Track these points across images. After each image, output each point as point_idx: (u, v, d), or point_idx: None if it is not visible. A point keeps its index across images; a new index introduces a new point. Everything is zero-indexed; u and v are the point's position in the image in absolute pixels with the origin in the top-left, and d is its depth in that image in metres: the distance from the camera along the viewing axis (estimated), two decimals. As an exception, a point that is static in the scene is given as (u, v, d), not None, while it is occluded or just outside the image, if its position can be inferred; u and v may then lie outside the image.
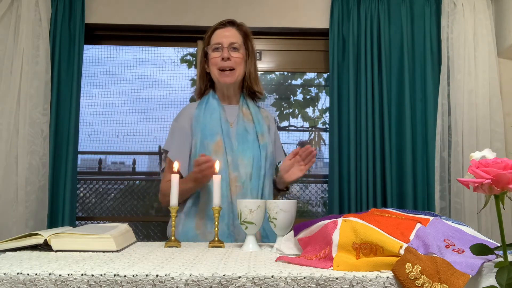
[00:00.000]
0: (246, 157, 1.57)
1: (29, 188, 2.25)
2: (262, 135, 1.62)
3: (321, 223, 1.00)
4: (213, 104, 1.63)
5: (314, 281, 0.80)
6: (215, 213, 1.23)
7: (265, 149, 1.60)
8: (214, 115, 1.60)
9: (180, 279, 0.80)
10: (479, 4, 2.39)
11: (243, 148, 1.58)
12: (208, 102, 1.64)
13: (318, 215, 3.02)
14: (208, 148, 1.55)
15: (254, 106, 1.69)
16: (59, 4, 2.43)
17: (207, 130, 1.58)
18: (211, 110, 1.62)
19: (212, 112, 1.61)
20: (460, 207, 2.26)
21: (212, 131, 1.57)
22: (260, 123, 1.64)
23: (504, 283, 0.71)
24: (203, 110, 1.62)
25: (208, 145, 1.55)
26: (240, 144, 1.58)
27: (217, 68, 1.61)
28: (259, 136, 1.61)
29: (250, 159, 1.56)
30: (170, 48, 2.91)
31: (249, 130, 1.62)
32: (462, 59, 2.35)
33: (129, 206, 3.07)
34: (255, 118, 1.65)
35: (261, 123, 1.64)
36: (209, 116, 1.60)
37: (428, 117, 2.39)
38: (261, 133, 1.62)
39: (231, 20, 1.68)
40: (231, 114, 1.64)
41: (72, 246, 1.07)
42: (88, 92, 2.88)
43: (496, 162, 0.74)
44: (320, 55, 2.65)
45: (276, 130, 1.75)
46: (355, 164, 2.37)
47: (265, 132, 1.63)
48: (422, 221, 0.93)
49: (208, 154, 1.52)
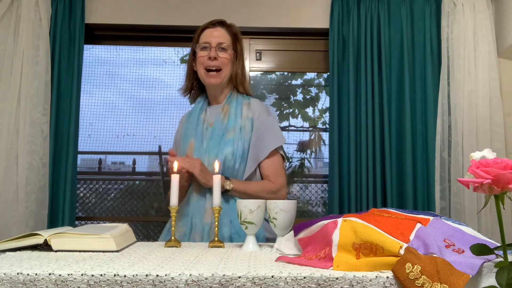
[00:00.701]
0: (212, 155, 1.55)
1: (29, 188, 2.25)
2: (233, 130, 1.57)
3: (321, 223, 1.00)
4: (195, 107, 1.69)
5: (314, 281, 0.80)
6: (215, 213, 1.23)
7: (231, 144, 1.55)
8: (191, 118, 1.67)
9: (180, 279, 0.80)
10: (479, 4, 2.39)
11: (209, 147, 1.57)
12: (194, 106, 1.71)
13: (318, 215, 3.02)
14: (184, 151, 1.61)
15: (237, 100, 1.64)
16: (59, 4, 2.43)
17: (186, 134, 1.65)
18: (192, 113, 1.68)
19: (192, 115, 1.68)
20: (460, 207, 2.26)
21: (188, 134, 1.64)
22: (235, 118, 1.60)
23: (504, 283, 0.71)
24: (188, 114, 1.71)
25: (185, 148, 1.62)
26: (208, 142, 1.59)
27: (204, 68, 1.61)
28: (227, 132, 1.57)
29: (214, 156, 1.54)
30: (170, 48, 2.91)
31: (221, 127, 1.60)
32: (462, 59, 2.35)
33: (129, 206, 3.07)
34: (232, 113, 1.61)
35: (236, 117, 1.60)
36: (189, 120, 1.67)
37: (428, 117, 2.39)
38: (232, 128, 1.57)
39: (221, 20, 1.68)
40: (213, 114, 1.65)
41: (72, 246, 1.07)
42: (88, 92, 2.88)
43: (496, 162, 0.74)
44: (320, 55, 2.65)
45: (265, 120, 1.61)
46: (355, 164, 2.37)
47: (236, 126, 1.58)
48: (422, 221, 0.93)
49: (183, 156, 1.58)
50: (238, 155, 1.55)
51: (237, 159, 1.54)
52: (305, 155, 3.04)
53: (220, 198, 1.24)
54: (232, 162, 1.54)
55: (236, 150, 1.55)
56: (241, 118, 1.60)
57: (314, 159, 3.06)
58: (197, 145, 1.59)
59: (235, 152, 1.54)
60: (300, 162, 3.03)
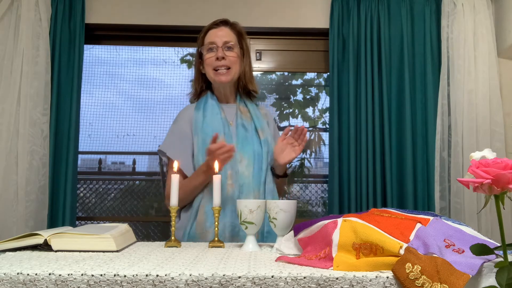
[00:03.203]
0: (246, 154, 1.56)
1: (29, 188, 2.25)
2: (262, 131, 1.61)
3: (321, 223, 1.00)
4: (212, 104, 1.63)
5: (314, 281, 0.80)
6: (215, 213, 1.23)
7: (266, 144, 1.59)
8: (215, 115, 1.61)
9: (180, 279, 0.80)
10: (479, 4, 2.39)
11: (243, 145, 1.57)
12: (207, 102, 1.64)
13: (318, 215, 3.02)
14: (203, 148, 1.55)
15: (251, 103, 1.69)
16: (59, 4, 2.43)
17: (209, 129, 1.57)
18: (211, 109, 1.62)
19: (212, 111, 1.61)
20: (460, 207, 2.26)
21: (214, 131, 1.56)
22: (259, 119, 1.64)
23: (504, 283, 0.71)
24: (202, 110, 1.62)
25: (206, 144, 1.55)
26: (240, 142, 1.58)
27: (213, 68, 1.60)
28: (259, 132, 1.61)
29: (251, 156, 1.56)
30: (170, 48, 2.91)
31: (248, 127, 1.62)
32: (462, 59, 2.35)
33: (129, 206, 3.07)
34: (253, 115, 1.65)
35: (260, 119, 1.64)
36: (209, 116, 1.60)
37: (428, 117, 2.39)
38: (261, 128, 1.62)
39: (224, 19, 1.67)
40: (230, 113, 1.65)
41: (72, 246, 1.07)
42: (88, 92, 2.88)
43: (496, 162, 0.74)
44: (320, 55, 2.65)
45: (275, 127, 1.75)
46: (355, 164, 2.37)
47: (265, 128, 1.63)
48: (422, 221, 0.93)
49: None
50: (270, 154, 1.59)
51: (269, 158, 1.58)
52: (305, 155, 3.04)
53: (220, 198, 1.24)
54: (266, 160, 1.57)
55: (270, 150, 1.59)
56: (263, 120, 1.66)
57: (314, 159, 3.06)
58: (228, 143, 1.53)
59: (269, 152, 1.59)
60: (300, 162, 3.04)
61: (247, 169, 1.55)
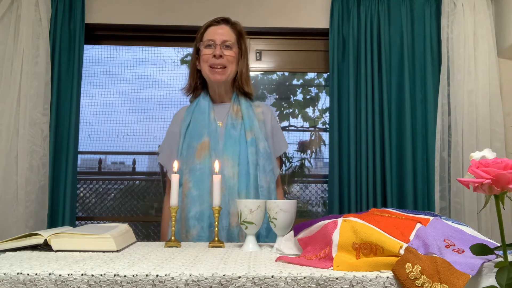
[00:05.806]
0: (230, 154, 1.53)
1: (29, 188, 2.25)
2: (251, 131, 1.57)
3: (321, 223, 1.00)
4: (203, 105, 1.62)
5: (314, 281, 0.80)
6: (215, 213, 1.23)
7: (253, 144, 1.55)
8: (202, 116, 1.60)
9: (180, 279, 0.80)
10: (479, 4, 2.39)
11: (227, 146, 1.55)
12: (198, 103, 1.64)
13: (318, 215, 3.02)
14: (194, 150, 1.55)
15: (246, 102, 1.65)
16: (59, 4, 2.43)
17: (194, 131, 1.57)
18: (200, 111, 1.61)
19: (200, 113, 1.61)
20: (460, 207, 2.26)
21: (199, 132, 1.57)
22: (251, 119, 1.60)
23: (504, 283, 0.71)
24: (192, 112, 1.62)
25: (195, 147, 1.55)
26: (226, 142, 1.56)
27: (208, 65, 1.58)
28: (247, 132, 1.57)
29: (235, 156, 1.53)
30: (170, 48, 2.91)
31: (237, 127, 1.59)
32: (462, 59, 2.35)
33: (129, 206, 3.07)
34: (245, 114, 1.61)
35: (251, 118, 1.60)
36: (197, 117, 1.60)
37: (428, 117, 2.39)
38: (250, 129, 1.58)
39: (225, 17, 1.66)
40: (221, 113, 1.63)
41: (72, 246, 1.07)
42: (88, 92, 2.88)
43: (496, 162, 0.74)
44: (320, 55, 2.65)
45: (275, 123, 1.70)
46: (355, 164, 2.37)
47: (254, 128, 1.58)
48: (422, 221, 0.93)
49: (193, 155, 1.53)
50: (261, 154, 1.55)
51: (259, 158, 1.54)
52: (305, 155, 3.04)
53: (220, 198, 1.24)
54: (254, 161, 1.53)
55: (260, 150, 1.55)
56: (254, 119, 1.61)
57: (314, 159, 3.06)
58: (213, 144, 1.54)
59: (259, 152, 1.55)
60: (300, 162, 3.04)
61: (232, 170, 1.52)
